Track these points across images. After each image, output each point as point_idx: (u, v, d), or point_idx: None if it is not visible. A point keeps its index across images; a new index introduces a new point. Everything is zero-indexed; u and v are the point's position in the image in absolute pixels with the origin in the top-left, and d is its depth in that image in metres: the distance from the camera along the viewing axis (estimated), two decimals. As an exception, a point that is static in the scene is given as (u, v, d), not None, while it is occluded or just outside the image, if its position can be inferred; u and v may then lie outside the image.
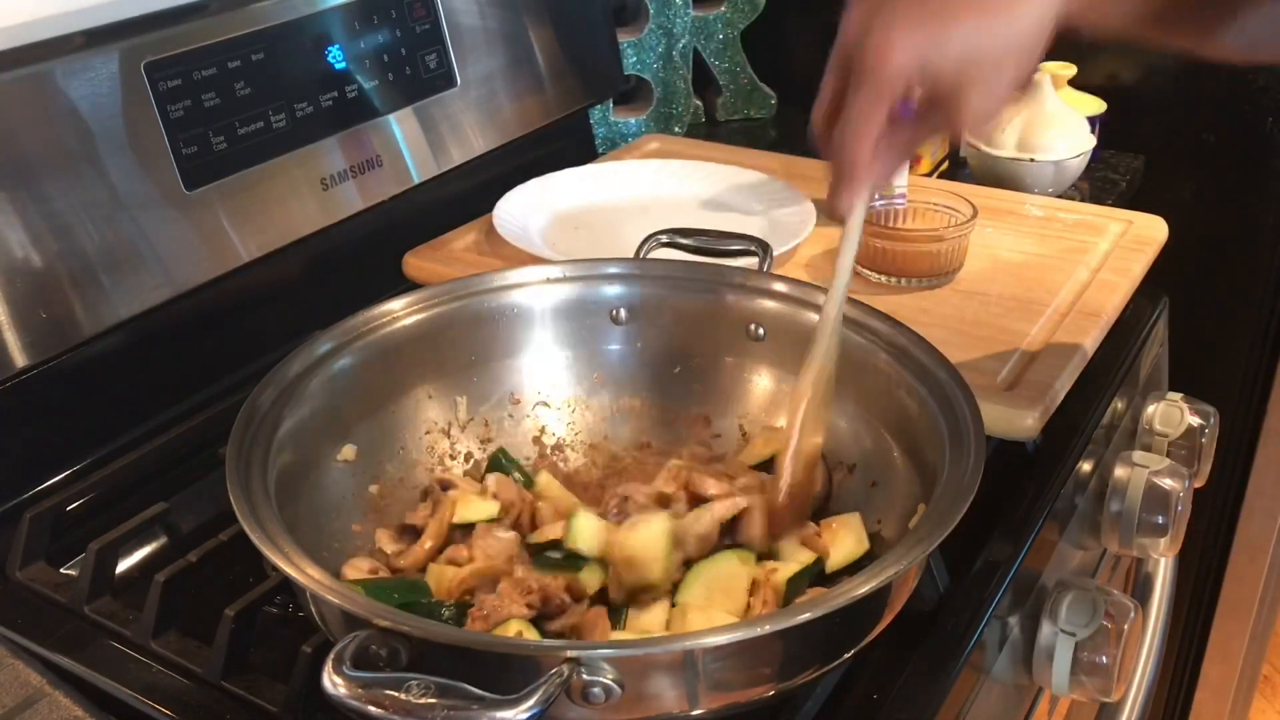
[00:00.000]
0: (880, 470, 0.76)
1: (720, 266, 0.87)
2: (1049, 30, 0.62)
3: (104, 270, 0.85)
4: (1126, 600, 0.83)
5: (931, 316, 0.96)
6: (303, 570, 0.57)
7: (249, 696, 0.66)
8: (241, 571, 0.73)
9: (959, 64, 0.60)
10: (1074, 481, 0.88)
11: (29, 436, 0.84)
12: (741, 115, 1.57)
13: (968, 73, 0.61)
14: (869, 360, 0.77)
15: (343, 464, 0.76)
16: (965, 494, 0.61)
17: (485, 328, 0.84)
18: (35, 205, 0.82)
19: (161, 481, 0.85)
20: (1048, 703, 0.90)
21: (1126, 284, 1.01)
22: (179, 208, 0.90)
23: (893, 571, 0.57)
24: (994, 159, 1.26)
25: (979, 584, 0.75)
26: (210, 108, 0.91)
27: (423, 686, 0.50)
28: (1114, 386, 0.98)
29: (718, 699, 0.57)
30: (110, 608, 0.74)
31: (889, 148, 0.65)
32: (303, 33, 0.98)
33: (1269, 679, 2.12)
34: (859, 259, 1.03)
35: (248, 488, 0.63)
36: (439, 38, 1.11)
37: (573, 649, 0.53)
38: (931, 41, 0.60)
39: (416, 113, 1.10)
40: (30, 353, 0.81)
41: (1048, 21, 0.62)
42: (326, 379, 0.75)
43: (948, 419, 0.68)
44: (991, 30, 0.60)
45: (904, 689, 0.67)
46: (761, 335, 0.83)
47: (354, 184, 1.04)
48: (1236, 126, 1.33)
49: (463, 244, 1.12)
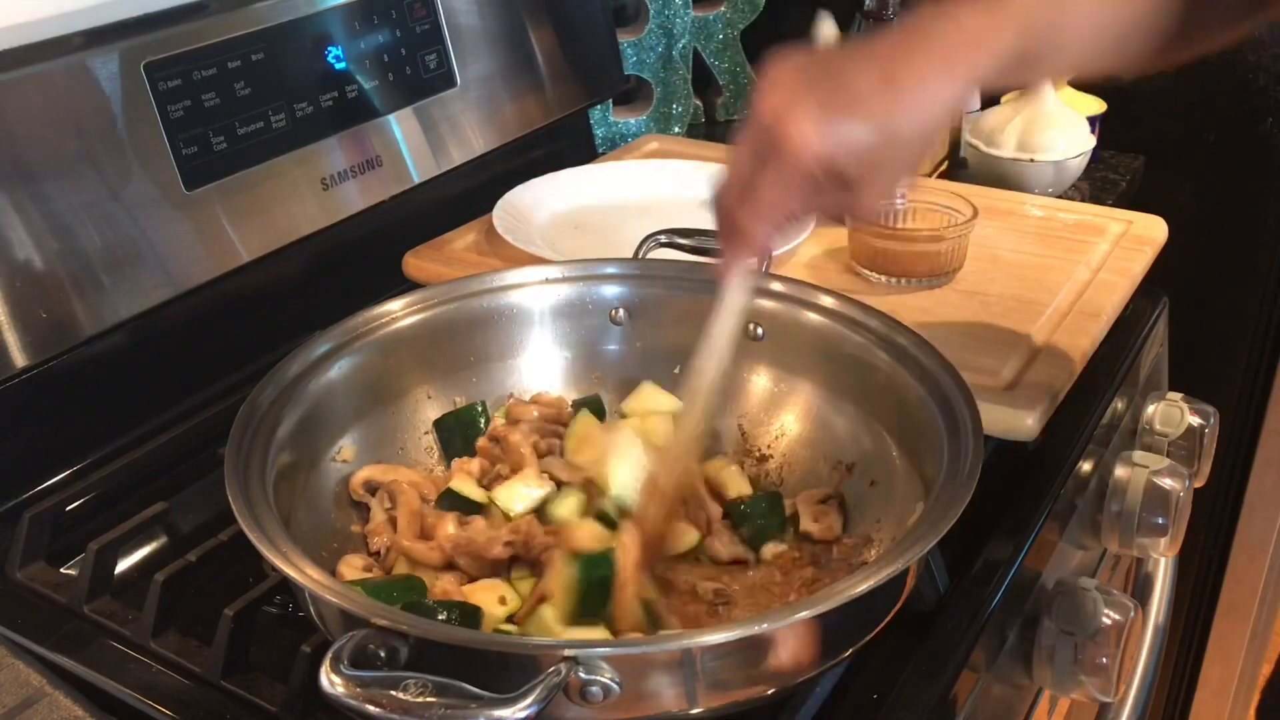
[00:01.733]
0: (879, 470, 0.76)
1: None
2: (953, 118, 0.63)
3: (104, 270, 0.85)
4: (1126, 600, 0.83)
5: (931, 316, 0.96)
6: (301, 570, 0.57)
7: (248, 696, 0.66)
8: (241, 571, 0.73)
9: (863, 166, 0.62)
10: (1074, 481, 0.88)
11: (29, 436, 0.84)
12: (741, 115, 1.57)
13: (874, 162, 0.63)
14: (869, 360, 0.77)
15: (342, 464, 0.76)
16: (963, 494, 0.61)
17: (485, 328, 0.84)
18: (35, 205, 0.82)
19: (161, 481, 0.85)
20: (1048, 703, 0.90)
21: (1126, 284, 1.01)
22: (179, 208, 0.90)
23: (891, 570, 0.57)
24: (994, 159, 1.26)
25: (979, 584, 0.75)
26: (210, 108, 0.91)
27: (420, 685, 0.50)
28: (1114, 386, 0.98)
29: (717, 698, 0.57)
30: (110, 607, 0.74)
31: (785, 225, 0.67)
32: (303, 33, 0.98)
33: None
34: (858, 259, 1.03)
35: (246, 488, 0.63)
36: (439, 38, 1.11)
37: (571, 648, 0.53)
38: (842, 143, 0.62)
39: (416, 113, 1.10)
40: (30, 353, 0.82)
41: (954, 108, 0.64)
42: (326, 379, 0.76)
43: (947, 419, 0.68)
44: (899, 123, 0.62)
45: (904, 689, 0.67)
46: (760, 335, 0.83)
47: (354, 184, 1.04)
48: (1236, 126, 1.33)
49: (463, 244, 1.12)
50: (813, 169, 0.62)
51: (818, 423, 0.81)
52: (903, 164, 0.65)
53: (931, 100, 0.62)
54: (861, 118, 0.62)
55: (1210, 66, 1.31)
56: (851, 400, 0.79)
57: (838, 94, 0.62)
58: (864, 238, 1.02)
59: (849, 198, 0.65)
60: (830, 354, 0.80)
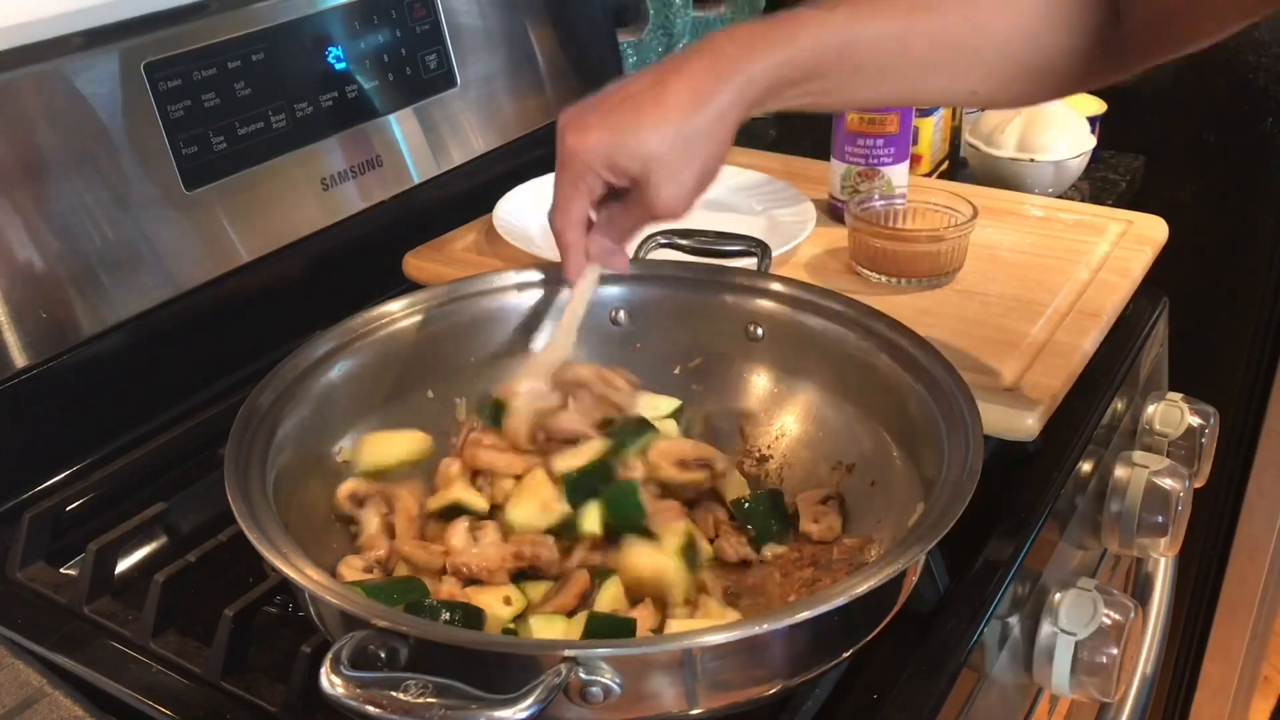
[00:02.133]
0: (879, 470, 0.76)
1: (719, 267, 0.87)
2: (731, 128, 0.71)
3: (104, 270, 0.85)
4: (1126, 600, 0.83)
5: (931, 316, 0.96)
6: (301, 570, 0.57)
7: (248, 696, 0.66)
8: (241, 572, 0.73)
9: (643, 161, 0.70)
10: (1074, 481, 0.88)
11: (29, 436, 0.84)
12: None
13: (652, 168, 0.70)
14: (869, 360, 0.77)
15: (342, 464, 0.76)
16: (964, 494, 0.61)
17: (485, 328, 0.84)
18: (35, 205, 0.82)
19: (161, 481, 0.85)
20: (1048, 703, 0.90)
21: (1126, 284, 1.01)
22: (179, 208, 0.90)
23: (892, 571, 0.57)
24: (994, 159, 1.26)
25: (979, 584, 0.75)
26: (210, 108, 0.91)
27: (421, 686, 0.50)
28: (1114, 386, 0.98)
29: (717, 698, 0.57)
30: (110, 608, 0.74)
31: (608, 228, 0.76)
32: (303, 33, 0.98)
33: (1269, 679, 2.12)
34: (858, 259, 1.03)
35: (247, 488, 0.63)
36: (439, 38, 1.11)
37: (571, 648, 0.53)
38: (616, 140, 0.70)
39: (416, 113, 1.10)
40: (30, 353, 0.82)
41: (730, 120, 0.71)
42: (326, 379, 0.75)
43: (947, 419, 0.68)
44: (667, 133, 0.69)
45: (904, 689, 0.67)
46: (760, 335, 0.83)
47: (354, 184, 1.04)
48: (1236, 126, 1.33)
49: (463, 244, 1.12)
50: (592, 165, 0.71)
51: (818, 423, 0.81)
52: (685, 171, 0.71)
53: (699, 99, 0.69)
54: (630, 115, 0.70)
55: (1210, 66, 1.31)
56: (852, 401, 0.79)
57: (614, 102, 0.71)
58: (864, 238, 1.02)
59: (644, 196, 0.72)
60: (830, 354, 0.80)
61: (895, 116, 1.09)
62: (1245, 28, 0.69)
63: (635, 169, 0.71)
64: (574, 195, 0.73)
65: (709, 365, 0.85)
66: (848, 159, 1.12)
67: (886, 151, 1.10)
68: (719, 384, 0.85)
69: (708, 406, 0.85)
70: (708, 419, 0.84)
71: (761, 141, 1.49)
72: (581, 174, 0.72)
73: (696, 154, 0.71)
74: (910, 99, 0.95)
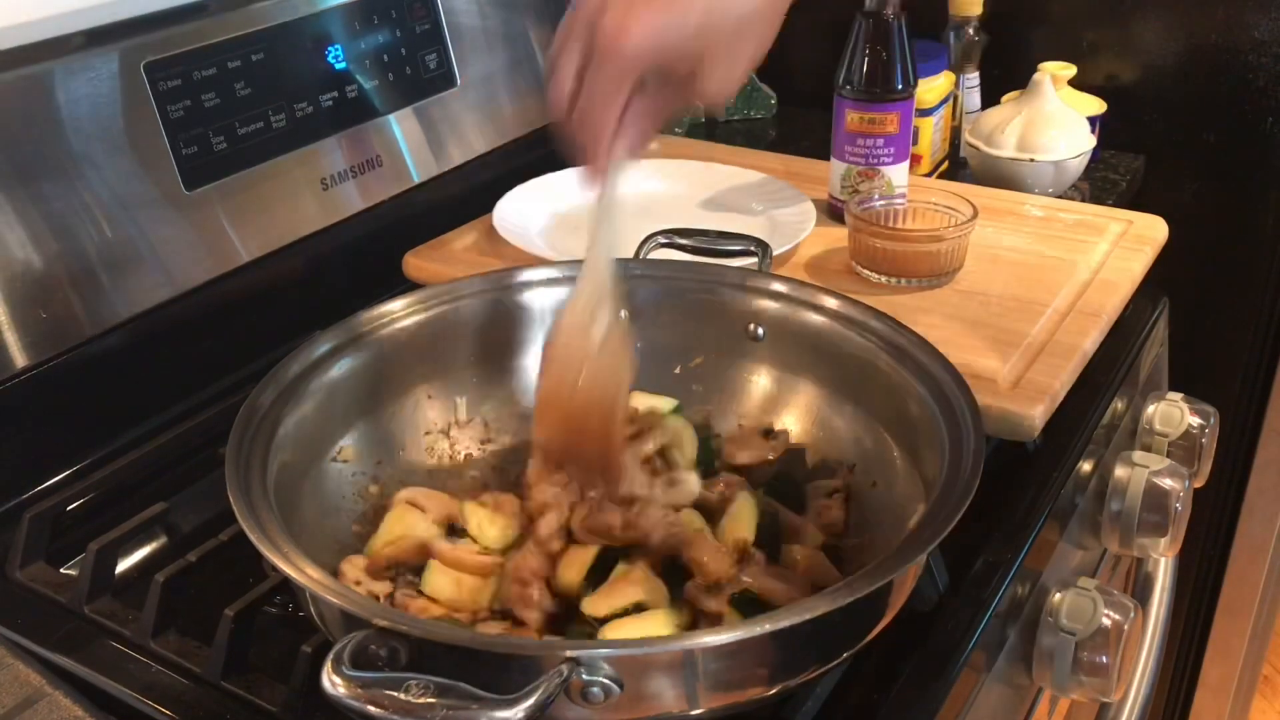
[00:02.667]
0: (880, 470, 0.76)
1: (720, 266, 0.87)
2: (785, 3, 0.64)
3: (104, 270, 0.85)
4: (1126, 600, 0.83)
5: (931, 316, 0.96)
6: (302, 570, 0.57)
7: (248, 696, 0.66)
8: (241, 571, 0.73)
9: (698, 40, 0.62)
10: (1074, 481, 0.88)
11: (29, 436, 0.84)
12: (741, 115, 1.57)
13: (707, 47, 0.62)
14: (869, 361, 0.77)
15: (342, 464, 0.76)
16: (965, 494, 0.61)
17: (485, 328, 0.84)
18: (35, 205, 0.82)
19: (161, 481, 0.85)
20: (1048, 703, 0.90)
21: (1126, 284, 1.01)
22: (179, 208, 0.90)
23: (894, 573, 0.57)
24: (994, 159, 1.26)
25: (979, 584, 0.75)
26: (210, 108, 0.91)
27: (422, 686, 0.50)
28: (1114, 386, 0.98)
29: (717, 699, 0.57)
30: (110, 608, 0.74)
31: (639, 117, 0.65)
32: (303, 33, 0.98)
33: (1269, 679, 2.12)
34: (858, 259, 1.03)
35: (247, 488, 0.63)
36: (439, 38, 1.11)
37: (572, 648, 0.53)
38: (669, 19, 0.61)
39: (416, 113, 1.10)
40: (30, 353, 0.82)
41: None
42: (326, 379, 0.75)
43: (948, 419, 0.68)
44: (726, 6, 0.62)
45: (904, 689, 0.67)
46: (761, 335, 0.83)
47: (354, 184, 1.04)
48: (1236, 126, 1.33)
49: (463, 244, 1.12)
50: (641, 59, 0.61)
51: (818, 423, 0.81)
52: (740, 50, 0.64)
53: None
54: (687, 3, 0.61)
55: (1210, 66, 1.31)
56: (852, 401, 0.79)
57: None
58: (864, 237, 1.02)
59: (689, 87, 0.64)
60: (831, 354, 0.80)
61: (895, 116, 1.09)
62: (1245, 28, 0.68)
63: (690, 50, 0.62)
64: (619, 87, 0.62)
65: (709, 365, 0.85)
66: (848, 159, 1.12)
67: (886, 151, 1.10)
68: (719, 384, 0.85)
69: (708, 406, 0.85)
70: (708, 419, 0.85)
71: (761, 141, 1.49)
72: (628, 71, 0.61)
73: (755, 29, 0.64)
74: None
